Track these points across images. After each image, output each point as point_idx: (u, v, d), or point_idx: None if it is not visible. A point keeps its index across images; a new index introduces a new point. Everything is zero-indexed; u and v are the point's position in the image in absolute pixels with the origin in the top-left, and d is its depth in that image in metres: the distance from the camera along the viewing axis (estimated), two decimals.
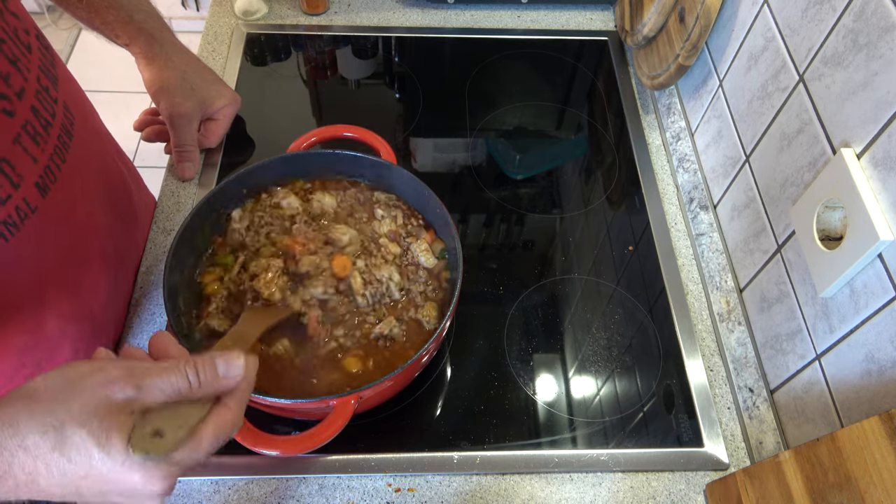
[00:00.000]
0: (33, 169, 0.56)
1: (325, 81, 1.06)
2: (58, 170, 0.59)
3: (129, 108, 1.60)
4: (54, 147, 0.59)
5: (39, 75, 0.58)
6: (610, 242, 0.88)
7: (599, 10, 1.16)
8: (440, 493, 0.68)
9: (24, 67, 0.55)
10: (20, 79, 0.55)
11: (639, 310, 0.81)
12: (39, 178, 0.57)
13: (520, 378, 0.75)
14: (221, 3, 1.11)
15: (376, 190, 0.77)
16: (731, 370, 0.77)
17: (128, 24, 0.80)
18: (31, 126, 0.55)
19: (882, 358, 0.54)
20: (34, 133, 0.56)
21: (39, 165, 0.57)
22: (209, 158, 0.91)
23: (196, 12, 2.48)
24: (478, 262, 0.85)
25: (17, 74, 0.54)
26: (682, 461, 0.70)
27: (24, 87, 0.55)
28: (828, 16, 0.61)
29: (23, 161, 0.55)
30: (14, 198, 0.54)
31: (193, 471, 0.55)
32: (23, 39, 0.56)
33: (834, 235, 0.60)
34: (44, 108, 0.57)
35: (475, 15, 1.13)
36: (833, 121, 0.60)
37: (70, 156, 0.61)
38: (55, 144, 0.59)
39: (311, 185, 0.77)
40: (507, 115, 1.02)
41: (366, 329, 0.67)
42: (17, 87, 0.54)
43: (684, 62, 0.86)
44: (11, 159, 0.53)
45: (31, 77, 0.56)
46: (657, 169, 0.95)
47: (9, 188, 0.53)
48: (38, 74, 0.57)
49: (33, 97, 0.56)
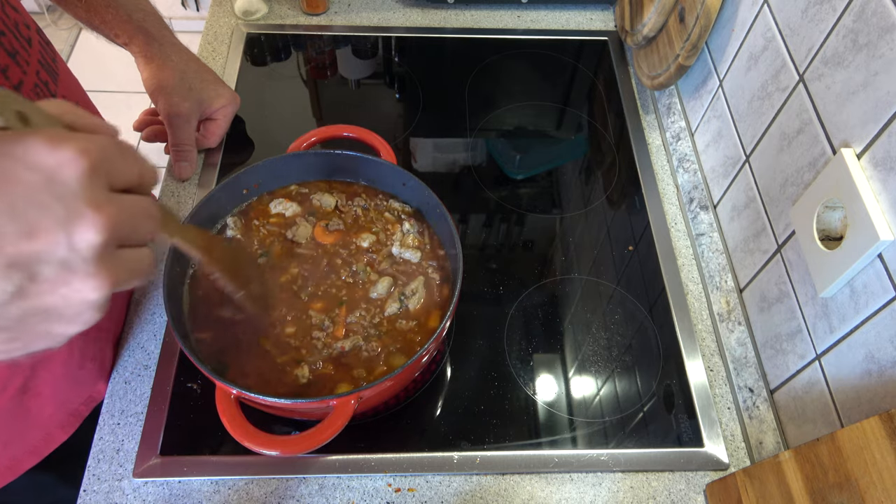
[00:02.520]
0: None
1: (325, 81, 1.06)
2: None
3: (129, 108, 1.61)
4: None
5: (39, 69, 0.58)
6: (610, 242, 0.88)
7: (599, 10, 1.16)
8: (440, 493, 0.68)
9: (23, 61, 0.55)
10: (18, 72, 0.54)
11: (639, 310, 0.81)
12: None
13: (520, 378, 0.75)
14: (221, 3, 1.11)
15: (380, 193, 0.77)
16: (731, 370, 0.77)
17: (127, 23, 0.80)
18: None
19: (882, 358, 0.54)
20: None
21: None
22: (209, 158, 0.91)
23: (196, 12, 2.48)
24: (478, 262, 0.85)
25: (15, 67, 0.54)
26: (682, 461, 0.70)
27: (22, 80, 0.55)
28: (828, 16, 0.61)
29: None
30: None
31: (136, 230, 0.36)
32: (23, 33, 0.56)
33: (834, 235, 0.60)
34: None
35: (475, 15, 1.13)
36: (833, 121, 0.60)
37: None
38: None
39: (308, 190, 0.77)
40: (507, 115, 1.02)
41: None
42: (14, 80, 0.54)
43: (684, 62, 0.86)
44: None
45: (30, 70, 0.56)
46: (657, 169, 0.95)
47: None
48: (37, 69, 0.57)
49: (31, 91, 0.56)
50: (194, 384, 0.72)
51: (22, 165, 0.30)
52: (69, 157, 0.30)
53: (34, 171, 0.30)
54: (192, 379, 0.72)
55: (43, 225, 0.30)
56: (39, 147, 0.30)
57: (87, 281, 0.32)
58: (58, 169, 0.30)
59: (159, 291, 0.78)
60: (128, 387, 0.72)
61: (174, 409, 0.70)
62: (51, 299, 0.32)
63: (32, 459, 0.71)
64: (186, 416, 0.70)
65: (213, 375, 0.57)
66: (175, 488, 0.67)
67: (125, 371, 0.73)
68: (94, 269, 0.32)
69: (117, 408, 0.71)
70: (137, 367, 0.74)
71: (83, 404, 0.74)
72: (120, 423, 0.70)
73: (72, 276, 0.31)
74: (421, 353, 0.61)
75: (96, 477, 0.67)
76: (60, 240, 0.30)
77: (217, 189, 0.71)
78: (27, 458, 0.71)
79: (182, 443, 0.69)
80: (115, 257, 0.33)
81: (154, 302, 0.78)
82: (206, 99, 0.85)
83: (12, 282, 0.30)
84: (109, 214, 0.31)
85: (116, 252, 0.33)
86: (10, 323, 0.32)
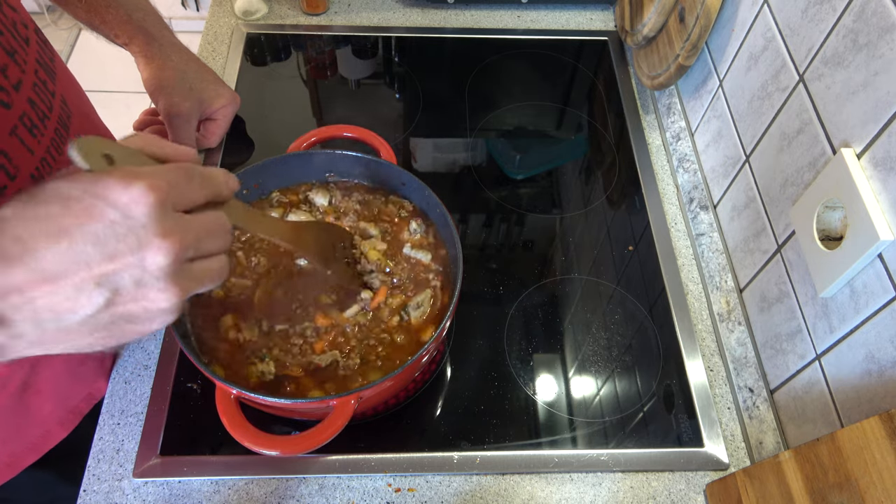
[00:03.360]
0: (30, 161, 0.56)
1: (325, 81, 1.06)
2: (54, 162, 0.59)
3: (129, 108, 1.61)
4: (51, 139, 0.59)
5: (37, 68, 0.58)
6: (610, 242, 0.88)
7: (599, 10, 1.16)
8: (440, 493, 0.68)
9: (21, 60, 0.55)
10: (17, 71, 0.55)
11: (639, 310, 0.81)
12: (36, 170, 0.57)
13: (520, 378, 0.75)
14: (221, 3, 1.11)
15: (378, 191, 0.77)
16: (731, 370, 0.77)
17: (126, 22, 0.80)
18: (27, 118, 0.55)
19: (882, 358, 0.54)
20: (31, 125, 0.56)
21: (36, 157, 0.57)
22: (209, 159, 0.91)
23: (196, 12, 2.48)
24: (478, 262, 0.85)
25: (14, 66, 0.54)
26: (682, 461, 0.70)
27: (21, 79, 0.55)
28: (828, 16, 0.61)
29: (19, 153, 0.55)
30: (10, 189, 0.54)
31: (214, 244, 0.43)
32: (21, 32, 0.56)
33: (834, 235, 0.60)
34: (41, 100, 0.57)
35: (475, 15, 1.13)
36: (833, 121, 0.60)
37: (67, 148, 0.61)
38: (52, 137, 0.59)
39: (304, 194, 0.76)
40: (507, 115, 1.02)
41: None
42: (14, 80, 0.54)
43: (684, 62, 0.86)
44: (8, 151, 0.53)
45: (28, 70, 0.56)
46: (657, 169, 0.95)
47: (5, 179, 0.53)
48: (35, 67, 0.57)
49: (30, 90, 0.56)
50: (194, 384, 0.72)
51: (103, 203, 0.37)
52: (138, 194, 0.37)
53: (113, 208, 0.37)
54: (192, 379, 0.72)
55: (120, 251, 0.37)
56: (116, 187, 0.37)
57: (159, 294, 0.39)
58: (130, 205, 0.37)
59: None
60: (128, 387, 0.72)
61: (174, 409, 0.70)
62: (133, 307, 0.39)
63: (32, 456, 0.71)
64: (186, 416, 0.70)
65: (213, 375, 0.57)
66: (175, 488, 0.67)
67: (125, 371, 0.73)
68: (164, 285, 0.39)
69: (117, 408, 0.71)
70: (137, 367, 0.74)
71: (83, 401, 0.74)
72: (120, 423, 0.70)
73: (146, 290, 0.39)
74: (421, 353, 0.61)
75: (96, 477, 0.67)
76: (134, 263, 0.38)
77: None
78: (27, 455, 0.71)
79: (182, 443, 0.69)
80: (184, 271, 0.40)
81: None
82: (206, 99, 0.85)
83: (102, 295, 0.38)
84: (175, 239, 0.39)
85: (186, 266, 0.40)
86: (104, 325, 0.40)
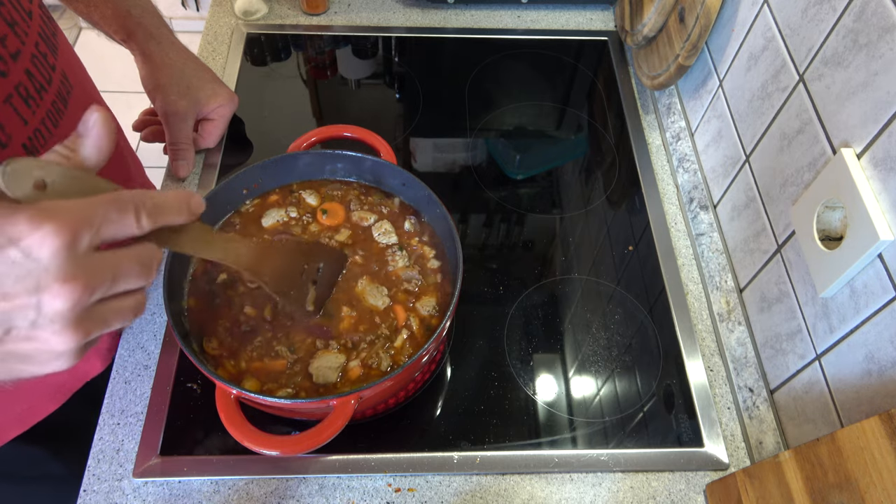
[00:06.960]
0: (23, 130, 0.56)
1: (325, 81, 1.06)
2: (49, 133, 0.59)
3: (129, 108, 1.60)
4: (46, 111, 0.59)
5: (38, 41, 0.58)
6: (610, 242, 0.88)
7: (599, 10, 1.16)
8: (440, 493, 0.68)
9: (21, 32, 0.56)
10: (17, 42, 0.55)
11: (639, 310, 0.81)
12: (28, 139, 0.57)
13: (520, 378, 0.75)
14: (221, 3, 1.11)
15: (372, 189, 0.77)
16: (731, 370, 0.77)
17: (126, 18, 0.80)
18: (23, 88, 0.56)
19: (882, 358, 0.54)
20: (27, 95, 0.56)
21: (29, 128, 0.57)
22: (209, 159, 0.91)
23: (196, 12, 2.48)
24: (478, 262, 0.85)
25: (13, 37, 0.55)
26: (682, 461, 0.70)
27: (20, 49, 0.55)
28: (828, 16, 0.61)
29: (12, 121, 0.55)
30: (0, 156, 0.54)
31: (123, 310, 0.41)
32: (24, 6, 0.57)
33: (834, 235, 0.60)
34: (39, 72, 0.58)
35: (475, 15, 1.13)
36: (833, 121, 0.60)
37: (63, 122, 0.61)
38: (48, 109, 0.59)
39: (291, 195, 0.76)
40: (507, 115, 1.02)
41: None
42: (12, 49, 0.55)
43: (684, 62, 0.86)
44: (1, 119, 0.54)
45: (28, 41, 0.56)
46: (657, 169, 0.95)
47: None
48: (36, 40, 0.58)
49: (29, 61, 0.56)
50: (194, 384, 0.72)
51: (6, 241, 0.35)
52: (45, 235, 0.35)
53: (15, 248, 0.35)
54: (192, 379, 0.72)
55: (16, 292, 0.35)
56: (24, 225, 0.35)
57: (54, 336, 0.37)
58: (33, 246, 0.35)
59: (159, 291, 0.78)
60: (128, 387, 0.72)
61: (174, 409, 0.70)
62: (25, 347, 0.38)
63: (18, 428, 0.73)
64: (186, 416, 0.70)
65: (214, 375, 0.57)
66: (175, 488, 0.67)
67: (125, 371, 0.73)
68: (60, 328, 0.37)
69: (117, 408, 0.71)
70: (137, 367, 0.74)
71: (71, 378, 0.75)
72: (120, 423, 0.70)
73: (40, 332, 0.37)
74: (421, 353, 0.61)
75: (96, 477, 0.67)
76: (30, 305, 0.36)
77: (217, 189, 0.71)
78: (12, 427, 0.72)
79: (182, 443, 0.69)
80: (88, 314, 0.38)
81: (154, 302, 0.78)
82: (203, 98, 0.85)
83: None
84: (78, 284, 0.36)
85: (93, 308, 0.38)
86: None
